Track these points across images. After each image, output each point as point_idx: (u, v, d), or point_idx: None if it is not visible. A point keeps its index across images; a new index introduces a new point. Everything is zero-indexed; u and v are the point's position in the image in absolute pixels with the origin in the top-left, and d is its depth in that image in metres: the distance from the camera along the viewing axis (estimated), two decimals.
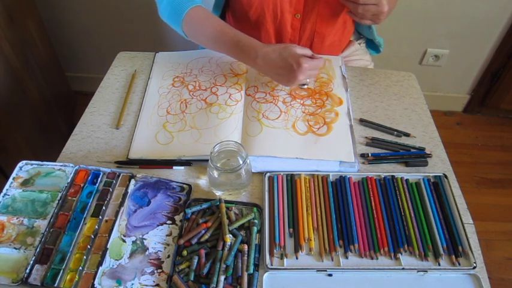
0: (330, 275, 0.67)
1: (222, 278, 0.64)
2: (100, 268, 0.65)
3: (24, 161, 0.79)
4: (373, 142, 0.86)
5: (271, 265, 0.67)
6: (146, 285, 0.64)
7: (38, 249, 0.67)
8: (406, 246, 0.70)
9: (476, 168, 1.83)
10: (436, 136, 0.89)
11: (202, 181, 0.79)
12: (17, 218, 0.71)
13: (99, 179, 0.77)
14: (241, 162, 0.72)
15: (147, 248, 0.68)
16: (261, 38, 1.04)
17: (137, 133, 0.85)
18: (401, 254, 0.69)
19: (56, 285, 0.63)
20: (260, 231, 0.71)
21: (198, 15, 0.89)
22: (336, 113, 0.89)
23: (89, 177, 0.77)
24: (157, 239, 0.69)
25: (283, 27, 1.01)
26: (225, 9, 1.08)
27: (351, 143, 0.83)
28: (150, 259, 0.67)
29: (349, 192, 0.76)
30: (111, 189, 0.75)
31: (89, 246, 0.68)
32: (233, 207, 0.72)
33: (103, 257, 0.66)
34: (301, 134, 0.84)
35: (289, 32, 1.02)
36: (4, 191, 0.74)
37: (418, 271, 0.67)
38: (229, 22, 1.09)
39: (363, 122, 0.90)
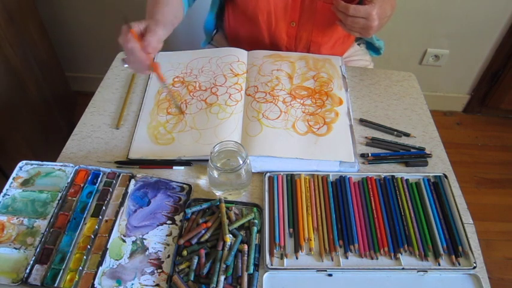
0: (330, 275, 0.67)
1: (222, 278, 0.64)
2: (100, 268, 0.65)
3: (24, 161, 0.79)
4: (373, 142, 0.86)
5: (271, 265, 0.67)
6: (146, 285, 0.64)
7: (38, 249, 0.67)
8: (406, 246, 0.70)
9: (476, 168, 1.83)
10: (436, 136, 0.89)
11: (202, 181, 0.79)
12: (17, 218, 0.71)
13: (99, 179, 0.77)
14: (241, 162, 0.72)
15: (147, 248, 0.68)
16: (256, 43, 1.04)
17: (137, 133, 0.85)
18: (401, 254, 0.69)
19: (56, 285, 0.63)
20: (260, 231, 0.71)
21: None
22: (336, 113, 0.89)
23: (89, 177, 0.77)
24: (157, 239, 0.69)
25: (278, 34, 1.01)
26: (227, 5, 1.08)
27: (351, 143, 0.83)
28: (150, 259, 0.67)
29: (349, 192, 0.76)
30: (111, 189, 0.75)
31: (89, 246, 0.68)
32: (233, 207, 0.72)
33: (103, 257, 0.66)
34: (301, 134, 0.84)
35: (285, 40, 1.03)
36: (4, 191, 0.74)
37: (418, 271, 0.67)
38: (228, 18, 1.08)
39: (363, 122, 0.90)
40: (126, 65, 0.81)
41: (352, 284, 0.66)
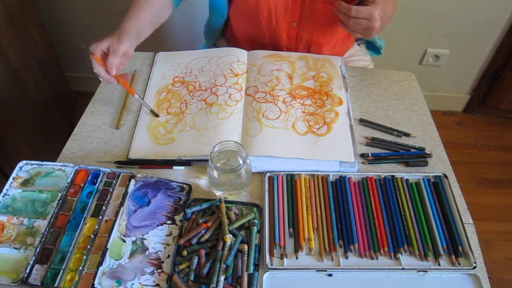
0: (330, 275, 0.67)
1: (222, 278, 0.64)
2: (100, 268, 0.65)
3: (24, 161, 0.79)
4: (373, 142, 0.86)
5: (271, 265, 0.67)
6: (146, 285, 0.64)
7: (38, 249, 0.67)
8: (406, 246, 0.70)
9: (476, 168, 1.83)
10: (436, 136, 0.89)
11: (202, 181, 0.79)
12: (17, 218, 0.71)
13: (99, 179, 0.77)
14: (241, 162, 0.72)
15: (147, 248, 0.68)
16: (257, 44, 1.04)
17: (137, 133, 0.85)
18: (401, 254, 0.69)
19: (56, 285, 0.63)
20: (260, 231, 0.71)
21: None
22: (336, 113, 0.89)
23: (89, 177, 0.77)
24: (157, 239, 0.69)
25: (279, 34, 1.01)
26: (230, 8, 1.08)
27: (351, 143, 0.83)
28: (150, 259, 0.67)
29: (349, 192, 0.76)
30: (111, 189, 0.75)
31: (89, 246, 0.68)
32: (233, 207, 0.72)
33: (103, 257, 0.66)
34: (301, 134, 0.84)
35: (285, 40, 1.02)
36: (4, 191, 0.74)
37: (418, 271, 0.67)
38: (232, 19, 1.08)
39: (363, 122, 0.90)
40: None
41: (352, 284, 0.66)
